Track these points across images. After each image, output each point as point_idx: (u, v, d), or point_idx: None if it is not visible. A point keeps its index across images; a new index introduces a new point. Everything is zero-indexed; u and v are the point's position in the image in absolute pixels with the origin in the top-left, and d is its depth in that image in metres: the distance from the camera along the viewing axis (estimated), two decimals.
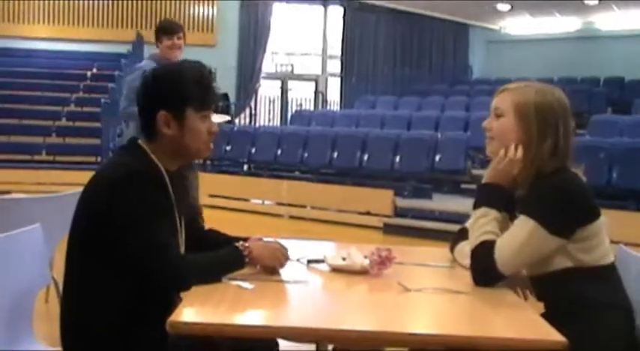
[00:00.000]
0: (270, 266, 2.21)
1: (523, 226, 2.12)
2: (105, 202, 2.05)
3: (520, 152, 2.20)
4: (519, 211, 2.18)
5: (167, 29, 5.00)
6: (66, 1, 15.07)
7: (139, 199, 2.05)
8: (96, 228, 2.06)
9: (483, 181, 2.31)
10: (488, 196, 2.28)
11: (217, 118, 5.08)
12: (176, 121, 2.18)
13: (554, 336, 1.72)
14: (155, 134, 2.19)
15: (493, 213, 2.23)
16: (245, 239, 2.36)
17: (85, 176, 2.25)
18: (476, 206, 2.29)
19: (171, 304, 2.00)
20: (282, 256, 2.23)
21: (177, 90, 2.18)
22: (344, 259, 2.31)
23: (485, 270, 2.16)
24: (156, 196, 2.10)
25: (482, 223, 2.23)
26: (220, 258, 2.15)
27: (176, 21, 5.35)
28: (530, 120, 2.19)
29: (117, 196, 2.04)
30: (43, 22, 15.03)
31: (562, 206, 2.10)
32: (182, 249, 2.24)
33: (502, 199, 2.26)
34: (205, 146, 2.26)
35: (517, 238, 2.12)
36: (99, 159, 11.89)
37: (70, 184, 8.62)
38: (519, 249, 2.11)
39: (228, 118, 5.01)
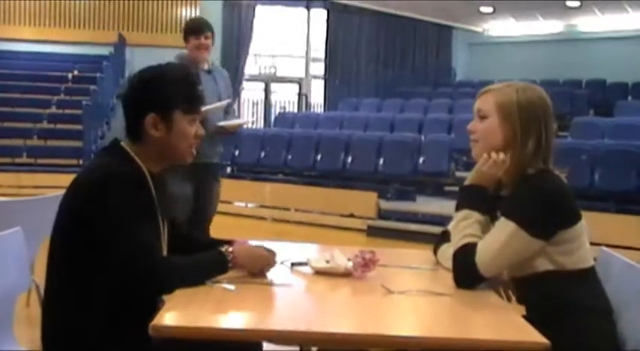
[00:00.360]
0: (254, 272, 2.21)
1: (503, 228, 2.13)
2: (87, 205, 2.04)
3: (502, 154, 2.21)
4: (500, 213, 2.18)
5: (194, 29, 4.74)
6: (47, 2, 14.97)
7: (121, 200, 2.04)
8: (78, 230, 2.05)
9: (466, 182, 2.31)
10: (471, 198, 2.28)
11: (236, 121, 4.93)
12: (164, 123, 2.18)
13: (536, 337, 1.73)
14: (141, 136, 2.19)
15: (475, 215, 2.24)
16: (230, 242, 2.35)
17: (67, 179, 2.23)
18: (458, 208, 2.29)
19: (154, 307, 1.99)
20: (266, 263, 2.23)
21: (165, 92, 2.17)
22: (327, 261, 2.31)
23: (466, 272, 2.16)
24: (138, 198, 2.09)
25: (464, 225, 2.23)
26: (205, 262, 2.14)
27: (205, 19, 5.00)
28: (514, 119, 2.20)
29: (99, 198, 2.03)
30: (24, 23, 14.93)
31: (543, 208, 2.11)
32: (165, 251, 2.23)
33: (484, 201, 2.26)
34: (191, 149, 2.26)
35: (498, 241, 2.12)
36: (80, 161, 11.82)
37: (52, 186, 8.61)
38: (500, 251, 2.12)
39: (246, 121, 5.02)
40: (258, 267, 2.21)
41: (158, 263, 2.06)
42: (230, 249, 2.17)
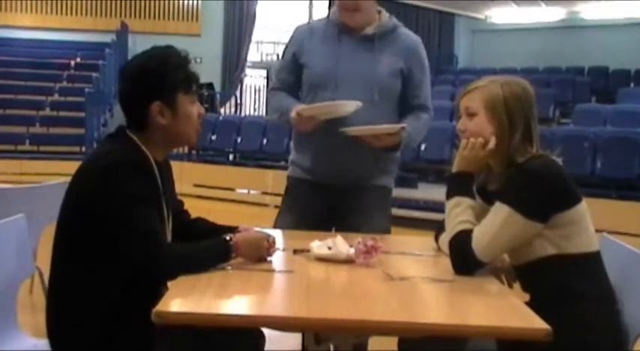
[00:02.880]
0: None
1: (498, 212, 2.14)
2: (93, 191, 2.04)
3: (481, 138, 2.23)
4: (496, 199, 2.19)
5: None
6: None
7: (127, 187, 2.04)
8: (83, 217, 2.05)
9: (453, 170, 2.33)
10: (459, 184, 2.31)
11: (379, 128, 2.93)
12: (169, 109, 2.18)
13: (538, 324, 1.73)
14: (146, 125, 2.19)
15: (466, 201, 2.26)
16: (234, 229, 2.36)
17: (69, 166, 2.24)
18: (448, 197, 2.32)
19: (158, 293, 2.00)
20: (267, 253, 2.25)
21: (166, 78, 2.17)
22: (330, 248, 2.31)
23: (464, 259, 2.17)
24: (144, 185, 2.10)
25: (456, 212, 2.25)
26: (209, 250, 2.14)
27: None
28: (501, 113, 2.23)
29: (105, 185, 2.04)
30: (27, 10, 14.91)
31: (535, 189, 2.12)
32: (169, 238, 2.24)
33: (473, 186, 2.29)
34: (197, 131, 2.28)
35: (493, 225, 2.13)
36: (83, 149, 11.84)
37: (54, 174, 8.62)
38: (496, 236, 2.13)
39: (399, 126, 2.98)
40: (258, 257, 2.22)
41: (162, 250, 2.06)
42: (234, 239, 2.17)
